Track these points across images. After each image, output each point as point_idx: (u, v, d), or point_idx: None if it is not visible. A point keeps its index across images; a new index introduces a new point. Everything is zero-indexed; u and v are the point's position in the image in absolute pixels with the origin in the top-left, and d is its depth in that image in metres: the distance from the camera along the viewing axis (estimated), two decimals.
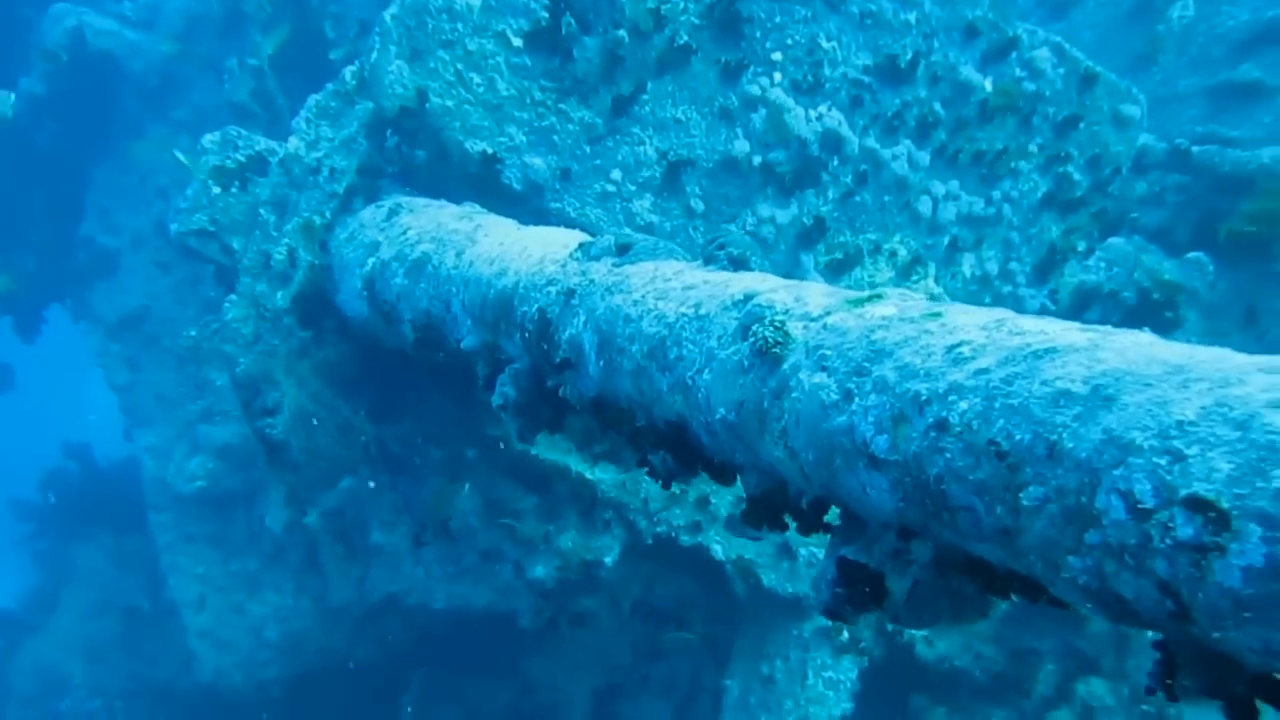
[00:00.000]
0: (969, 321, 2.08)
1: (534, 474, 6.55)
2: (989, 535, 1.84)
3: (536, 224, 6.21)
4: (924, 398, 1.96)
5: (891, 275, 6.45)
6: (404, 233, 5.04)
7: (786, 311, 2.47)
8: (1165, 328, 6.78)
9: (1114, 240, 7.07)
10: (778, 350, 2.35)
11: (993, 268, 6.52)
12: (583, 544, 6.61)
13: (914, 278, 6.47)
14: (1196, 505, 1.46)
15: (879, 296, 2.36)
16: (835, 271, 6.38)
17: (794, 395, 2.27)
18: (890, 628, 6.64)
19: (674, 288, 2.96)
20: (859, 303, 2.37)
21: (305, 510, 6.01)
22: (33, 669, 13.62)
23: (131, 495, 12.02)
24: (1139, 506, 1.54)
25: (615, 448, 6.57)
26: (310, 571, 9.72)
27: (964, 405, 1.88)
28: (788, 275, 6.32)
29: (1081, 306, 6.73)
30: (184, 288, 11.60)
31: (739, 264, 3.00)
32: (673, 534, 6.42)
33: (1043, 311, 6.49)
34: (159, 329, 11.83)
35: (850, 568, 2.20)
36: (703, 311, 2.74)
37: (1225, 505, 1.43)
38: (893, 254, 6.42)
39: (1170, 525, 1.49)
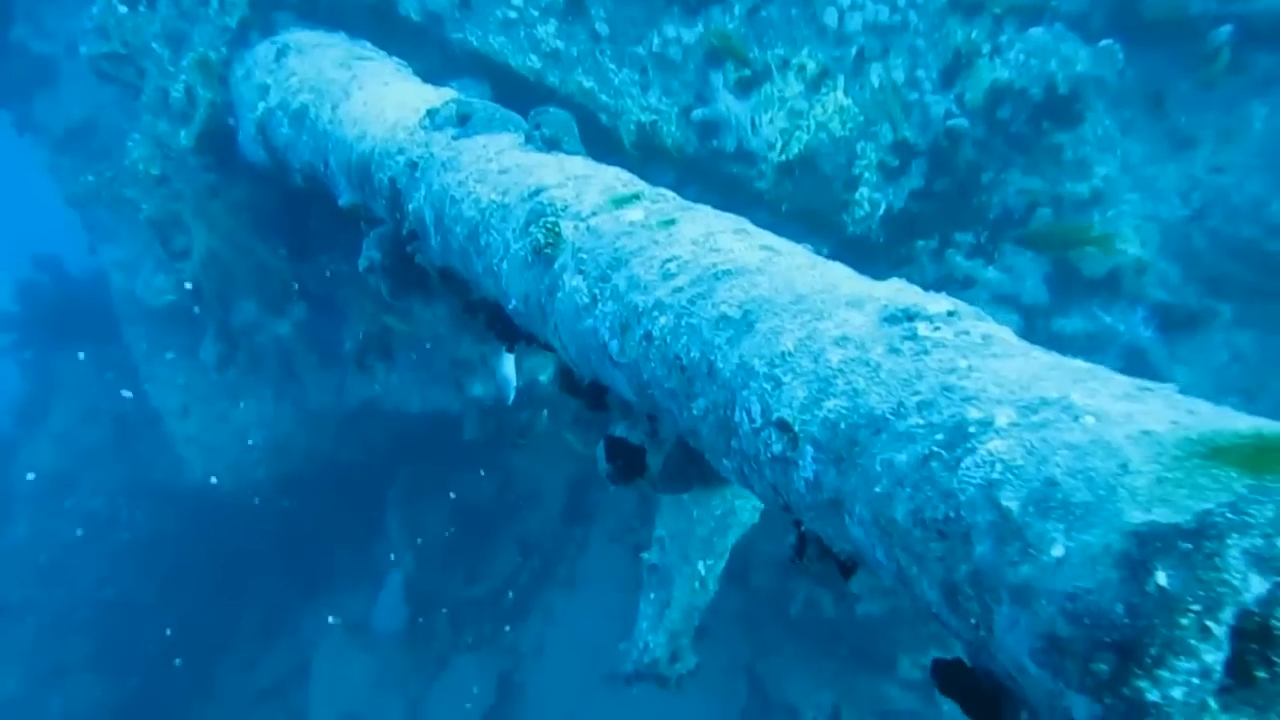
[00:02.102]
0: (688, 234, 2.37)
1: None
2: (686, 433, 2.21)
3: (441, 57, 6.27)
4: (640, 310, 2.29)
5: (801, 89, 6.56)
6: (288, 79, 5.17)
7: (565, 209, 2.74)
8: (1072, 121, 6.94)
9: (1034, 31, 7.09)
10: (549, 251, 2.65)
11: (899, 75, 6.61)
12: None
13: (823, 90, 6.58)
14: (782, 426, 1.83)
15: (637, 197, 2.63)
16: (745, 89, 6.48)
17: (559, 295, 2.60)
18: None
19: (491, 170, 3.21)
20: (620, 202, 2.64)
21: (237, 344, 6.37)
22: (34, 471, 14.29)
23: (107, 305, 12.25)
24: (753, 424, 1.90)
25: None
26: (289, 379, 10.22)
27: (663, 320, 2.21)
28: (698, 96, 6.45)
29: (993, 105, 6.85)
30: (129, 98, 11.52)
31: (552, 144, 3.24)
32: None
33: (948, 117, 6.62)
34: (110, 141, 11.83)
35: (615, 444, 2.59)
36: (506, 201, 3.01)
37: (796, 428, 1.79)
38: (801, 68, 6.50)
39: (769, 441, 1.86)
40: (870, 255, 7.03)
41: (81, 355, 14.74)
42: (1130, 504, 1.27)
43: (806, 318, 1.90)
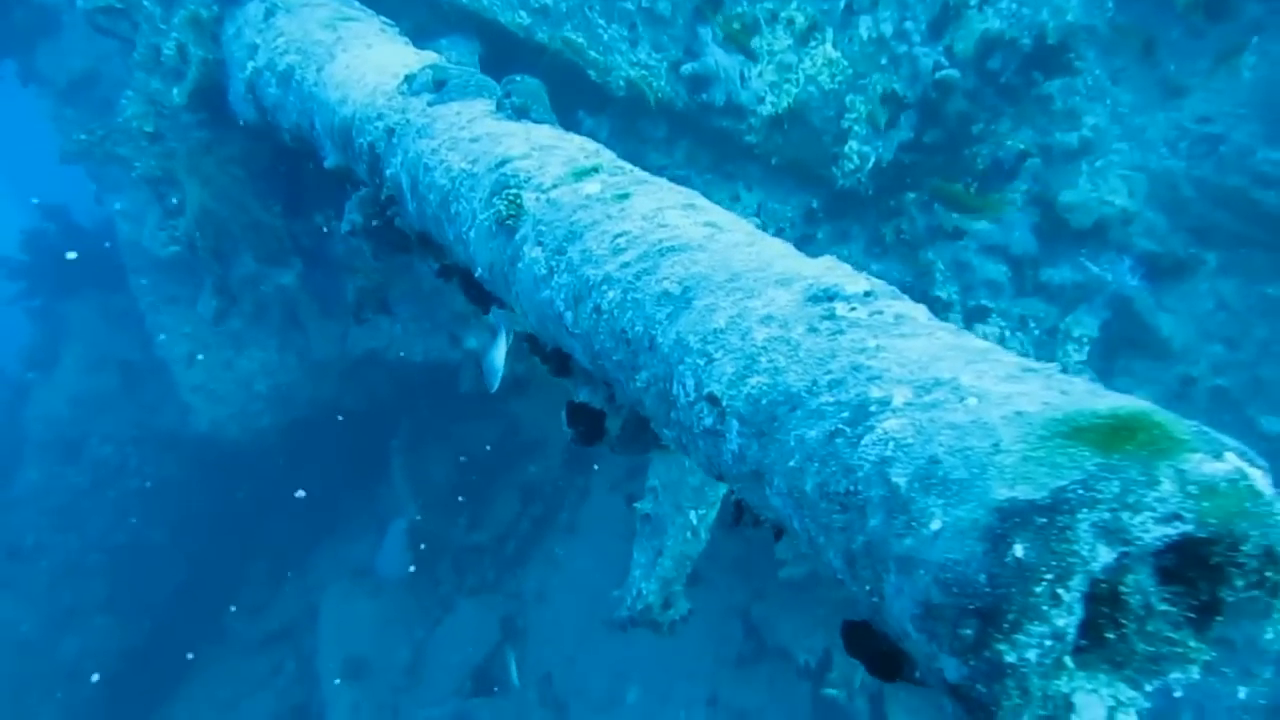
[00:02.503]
0: (640, 208, 2.48)
1: None
2: (634, 402, 2.34)
3: (430, 13, 6.30)
4: (591, 283, 2.40)
5: (790, 43, 6.58)
6: (276, 39, 5.23)
7: (528, 180, 2.84)
8: (1062, 71, 6.95)
9: None
10: (511, 222, 2.75)
11: (888, 29, 6.62)
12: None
13: (812, 44, 6.60)
14: (712, 401, 1.95)
15: (596, 170, 2.73)
16: (734, 43, 6.51)
17: (520, 266, 2.71)
18: None
19: (463, 139, 3.31)
20: (580, 175, 2.74)
21: (234, 298, 6.50)
22: (44, 419, 14.52)
23: (113, 254, 12.34)
24: (688, 398, 2.03)
25: None
26: (293, 329, 10.37)
27: (611, 294, 2.33)
28: (687, 51, 6.48)
29: (983, 56, 6.86)
30: (129, 51, 11.53)
31: (522, 112, 3.32)
32: None
33: (936, 69, 6.64)
34: (112, 93, 11.88)
35: (577, 409, 2.72)
36: (475, 170, 3.11)
37: (724, 403, 1.91)
38: (790, 21, 6.53)
39: (701, 415, 1.99)
40: (860, 207, 7.10)
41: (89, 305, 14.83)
42: (998, 481, 1.39)
43: (739, 295, 2.02)
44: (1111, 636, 1.38)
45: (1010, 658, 1.34)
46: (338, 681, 10.83)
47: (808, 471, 1.69)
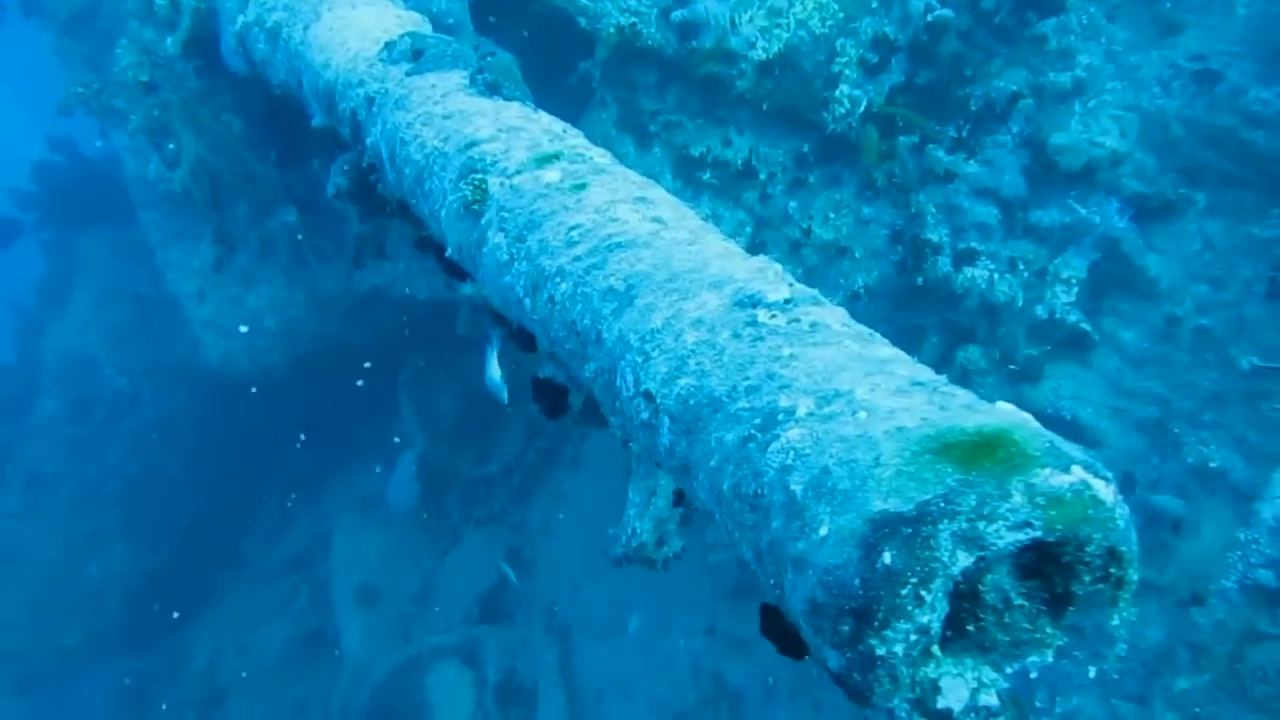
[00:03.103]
0: (594, 200, 2.61)
1: None
2: (584, 389, 2.51)
3: None
4: (547, 274, 2.56)
5: None
6: None
7: (494, 164, 2.98)
8: (1057, 9, 6.97)
9: None
10: (477, 207, 2.89)
11: None
12: None
13: None
14: (648, 397, 2.12)
15: (557, 156, 2.86)
16: None
17: (484, 250, 2.86)
18: None
19: (436, 115, 3.43)
20: (542, 161, 2.87)
21: (233, 245, 6.65)
22: (59, 351, 14.80)
23: (122, 188, 12.42)
24: (628, 392, 2.19)
25: None
26: (298, 266, 10.52)
27: (564, 286, 2.48)
28: None
29: None
30: None
31: (493, 89, 3.43)
32: None
33: (927, 11, 6.65)
34: (113, 26, 11.89)
35: (541, 384, 2.89)
36: (446, 149, 3.24)
37: (658, 401, 2.08)
38: None
39: (639, 409, 2.16)
40: (851, 152, 7.16)
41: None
42: (875, 494, 1.56)
43: (675, 297, 2.17)
44: (972, 629, 1.57)
45: (880, 651, 1.53)
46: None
47: (725, 472, 1.86)
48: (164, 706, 13.23)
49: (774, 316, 2.01)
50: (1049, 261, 7.25)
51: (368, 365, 11.73)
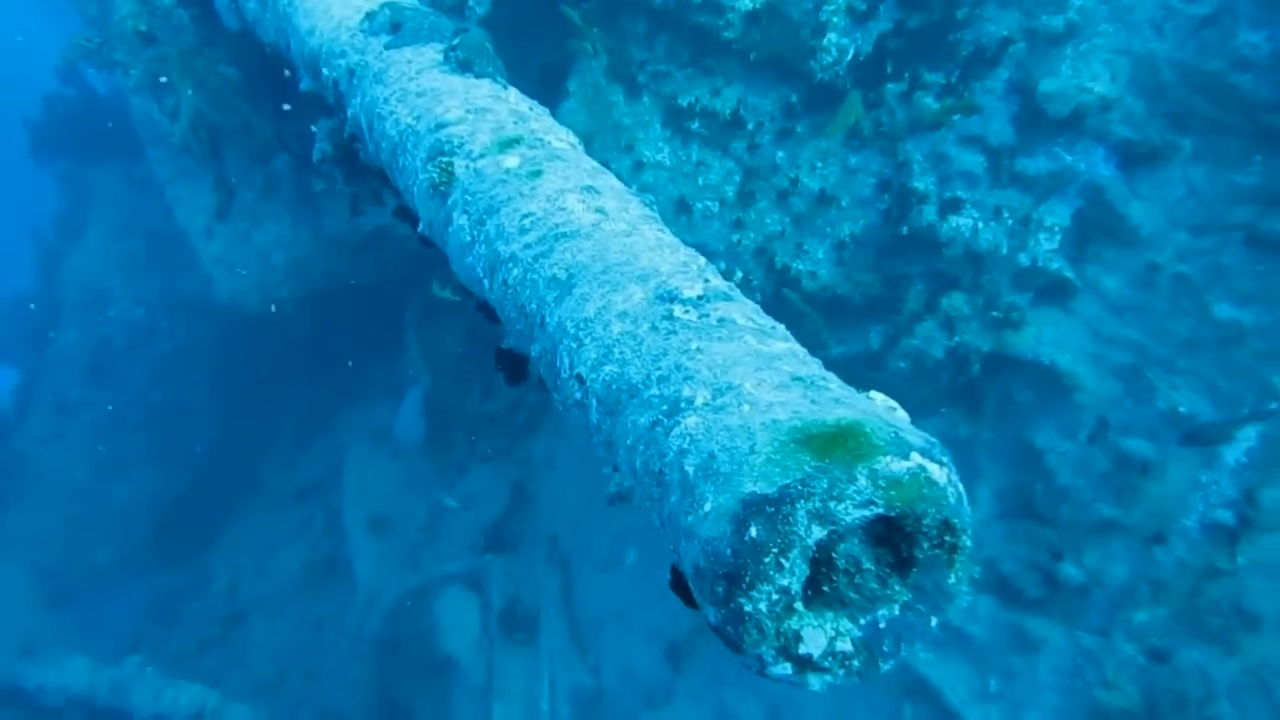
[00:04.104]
0: (546, 189, 2.86)
1: None
2: (539, 370, 2.78)
3: None
4: (501, 258, 2.82)
5: None
6: None
7: (460, 146, 3.22)
8: None
9: None
10: (444, 188, 3.14)
11: None
12: None
13: None
14: (580, 380, 2.40)
15: (518, 141, 3.10)
16: None
17: (450, 230, 3.11)
18: (779, 265, 7.64)
19: (411, 92, 3.66)
20: (504, 145, 3.11)
21: (233, 192, 6.90)
22: (78, 282, 15.14)
23: (131, 122, 12.56)
24: (565, 373, 2.47)
25: None
26: (303, 204, 10.77)
27: (515, 272, 2.74)
28: None
29: None
30: None
31: (465, 66, 3.65)
32: None
33: None
34: None
35: (504, 354, 3.16)
36: (418, 128, 3.47)
37: (588, 384, 2.36)
38: None
39: (573, 390, 2.44)
40: (839, 102, 7.30)
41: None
42: (748, 477, 1.84)
43: (607, 289, 2.43)
44: (827, 589, 1.87)
45: (748, 608, 1.83)
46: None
47: (638, 450, 2.15)
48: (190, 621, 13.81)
49: (687, 312, 2.27)
50: (1034, 209, 7.41)
51: (374, 302, 12.01)
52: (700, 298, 2.30)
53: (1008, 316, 7.50)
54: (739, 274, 7.58)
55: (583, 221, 2.68)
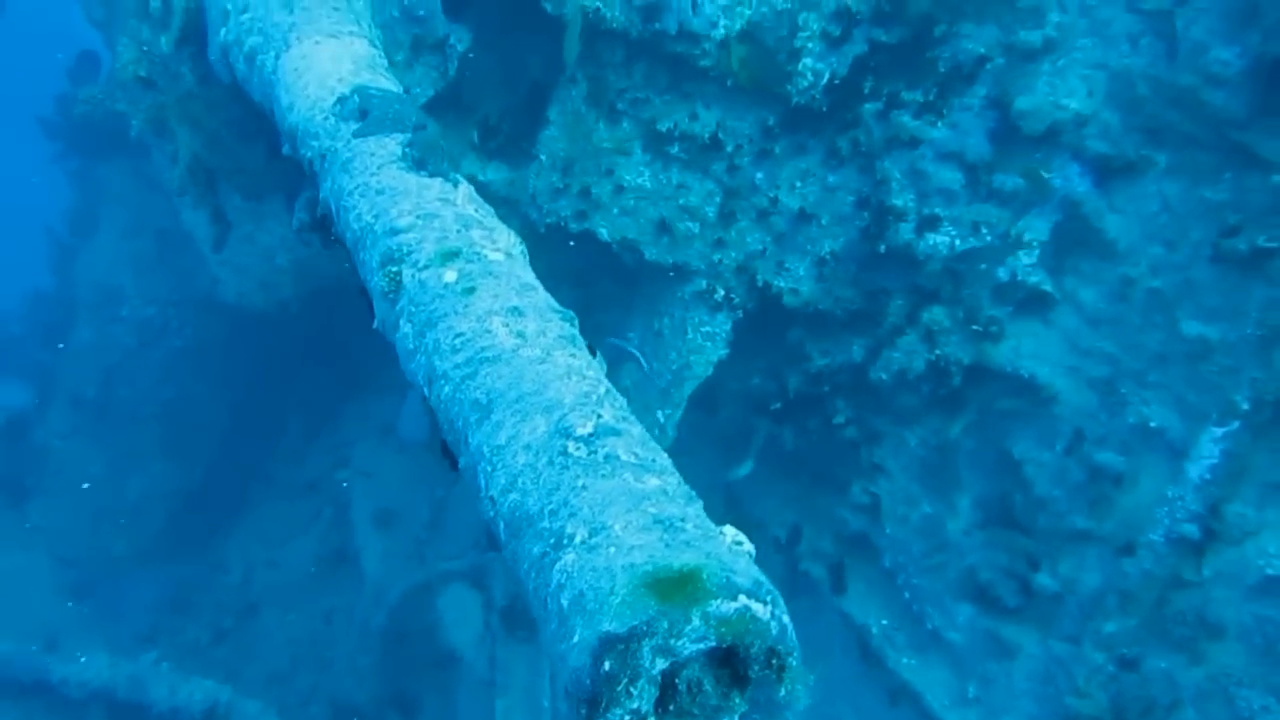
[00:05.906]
0: (477, 309, 3.31)
1: None
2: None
3: None
4: (437, 372, 3.28)
5: None
6: (242, 11, 5.89)
7: (408, 254, 3.67)
8: None
9: None
10: (392, 296, 3.60)
11: None
12: None
13: None
14: (492, 501, 2.86)
15: (456, 255, 3.54)
16: None
17: (398, 335, 3.57)
18: (760, 282, 8.05)
19: (371, 188, 4.11)
20: (445, 258, 3.56)
21: (230, 225, 7.39)
22: (90, 281, 15.79)
23: None
24: (481, 491, 2.94)
25: (508, 145, 7.73)
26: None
27: (447, 389, 3.20)
28: None
29: None
30: None
31: (420, 164, 4.10)
32: (561, 222, 7.74)
33: None
34: None
35: (446, 446, 3.61)
36: (375, 228, 3.93)
37: (498, 507, 2.82)
38: None
39: (487, 508, 2.90)
40: (816, 123, 7.67)
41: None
42: (606, 616, 2.31)
43: (517, 419, 2.88)
44: (672, 708, 2.34)
45: None
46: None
47: (530, 575, 2.62)
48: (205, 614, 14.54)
49: (579, 449, 2.72)
50: (1012, 224, 7.76)
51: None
52: (591, 435, 2.75)
53: (987, 329, 7.88)
54: (721, 292, 8.01)
55: (504, 346, 3.13)
